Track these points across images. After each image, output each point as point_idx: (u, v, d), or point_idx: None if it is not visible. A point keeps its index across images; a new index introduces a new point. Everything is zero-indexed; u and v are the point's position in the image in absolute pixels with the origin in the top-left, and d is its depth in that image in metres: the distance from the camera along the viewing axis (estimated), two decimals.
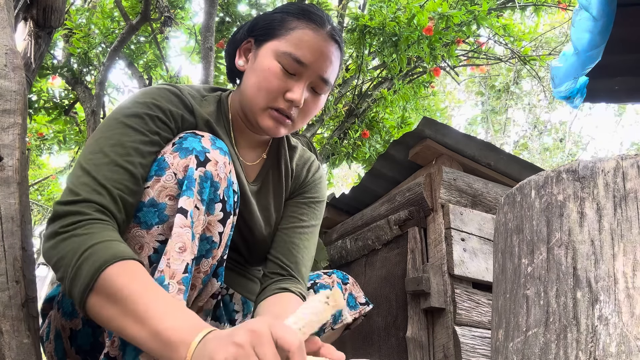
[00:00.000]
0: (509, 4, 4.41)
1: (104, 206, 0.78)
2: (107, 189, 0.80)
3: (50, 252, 0.76)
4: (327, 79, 1.00)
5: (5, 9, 1.19)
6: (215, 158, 0.87)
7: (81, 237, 0.74)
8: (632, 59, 2.39)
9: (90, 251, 0.72)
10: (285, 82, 0.97)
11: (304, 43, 0.97)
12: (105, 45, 4.46)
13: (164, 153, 0.87)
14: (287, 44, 0.97)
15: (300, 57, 0.96)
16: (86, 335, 0.90)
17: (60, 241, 0.75)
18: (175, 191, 0.83)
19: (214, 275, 0.93)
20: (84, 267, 0.71)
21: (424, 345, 1.73)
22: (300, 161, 1.20)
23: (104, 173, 0.81)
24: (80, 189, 0.79)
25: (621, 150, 13.29)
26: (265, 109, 0.98)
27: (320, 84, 1.00)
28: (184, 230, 0.80)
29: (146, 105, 0.91)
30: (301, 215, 1.14)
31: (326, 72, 1.00)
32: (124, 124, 0.87)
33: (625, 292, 0.67)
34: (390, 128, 4.46)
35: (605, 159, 0.75)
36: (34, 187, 8.14)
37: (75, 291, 0.72)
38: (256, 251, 1.11)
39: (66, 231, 0.75)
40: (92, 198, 0.78)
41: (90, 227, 0.75)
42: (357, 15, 3.74)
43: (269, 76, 0.96)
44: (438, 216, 1.92)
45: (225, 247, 0.93)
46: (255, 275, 1.17)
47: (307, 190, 1.18)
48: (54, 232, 0.76)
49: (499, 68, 9.84)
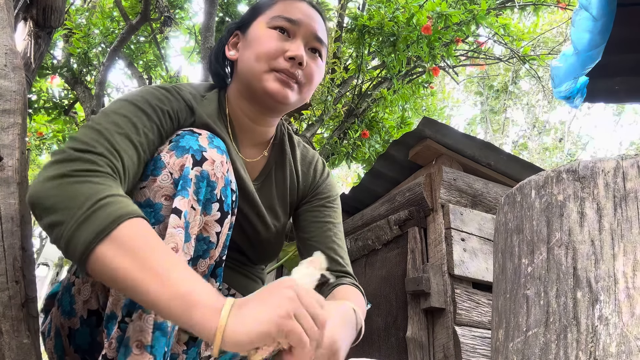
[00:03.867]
0: (508, 4, 4.41)
1: (117, 169, 0.75)
2: (120, 155, 0.77)
3: (49, 192, 0.68)
4: (320, 37, 1.03)
5: (5, 9, 1.19)
6: (212, 157, 0.86)
7: (98, 185, 0.68)
8: (632, 59, 2.39)
9: (109, 199, 0.67)
10: (282, 43, 0.98)
11: (290, 6, 1.02)
12: (105, 45, 4.46)
13: (160, 152, 0.85)
14: (274, 11, 1.01)
15: (292, 16, 1.00)
16: (84, 334, 0.89)
17: (70, 183, 0.68)
18: (171, 191, 0.81)
19: (212, 275, 0.93)
20: (101, 212, 0.65)
21: (424, 345, 1.73)
22: (305, 162, 1.19)
23: (117, 139, 0.78)
24: (95, 144, 0.74)
25: (620, 149, 13.30)
26: (269, 72, 0.98)
27: (316, 43, 1.02)
28: (177, 231, 0.78)
29: (158, 98, 0.91)
30: (325, 217, 1.14)
31: (318, 31, 1.02)
32: (137, 107, 0.86)
33: (626, 292, 0.67)
34: (389, 128, 4.46)
35: (605, 159, 0.75)
36: None
37: (80, 237, 0.65)
38: (261, 250, 1.10)
39: (79, 175, 0.69)
40: (109, 157, 0.74)
41: (107, 180, 0.70)
42: (356, 15, 3.74)
43: (266, 40, 0.98)
44: (438, 216, 1.92)
45: (224, 247, 0.92)
46: (258, 276, 1.17)
47: (320, 192, 1.18)
48: (61, 173, 0.69)
49: (497, 68, 9.85)
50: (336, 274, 1.07)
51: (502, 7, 4.44)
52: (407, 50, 3.55)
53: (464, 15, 3.56)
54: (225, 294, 1.07)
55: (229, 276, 1.05)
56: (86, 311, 0.88)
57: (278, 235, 1.12)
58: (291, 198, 1.15)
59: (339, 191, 1.24)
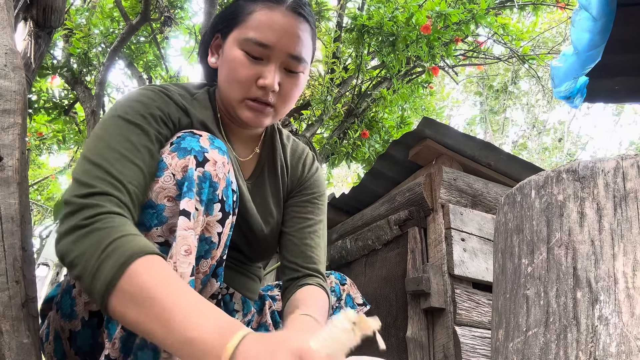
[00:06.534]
0: (508, 3, 4.41)
1: (122, 201, 0.75)
2: (124, 184, 0.76)
3: (68, 247, 0.71)
4: (297, 55, 0.95)
5: (5, 9, 1.19)
6: (214, 158, 0.86)
7: (103, 230, 0.70)
8: (632, 59, 2.39)
9: (113, 245, 0.68)
10: (254, 69, 0.93)
11: (264, 24, 0.93)
12: (105, 45, 4.46)
13: (162, 153, 0.86)
14: (247, 30, 0.94)
15: (262, 40, 0.92)
16: (86, 336, 0.89)
17: (81, 237, 0.70)
18: (174, 192, 0.82)
19: (213, 275, 0.93)
20: (107, 262, 0.67)
21: (424, 345, 1.74)
22: (294, 156, 1.18)
23: (117, 167, 0.78)
24: (95, 182, 0.75)
25: (620, 149, 13.30)
26: (242, 101, 0.96)
27: (292, 62, 0.95)
28: (189, 233, 0.79)
29: (146, 105, 0.89)
30: (307, 214, 1.13)
31: (295, 49, 0.94)
32: (127, 122, 0.85)
33: (625, 292, 0.67)
34: (389, 128, 4.46)
35: (605, 159, 0.76)
36: (33, 187, 8.14)
37: (96, 289, 0.67)
38: (257, 248, 1.10)
39: (86, 224, 0.71)
40: (110, 191, 0.75)
41: (111, 220, 0.71)
42: (356, 15, 3.75)
43: (236, 66, 0.94)
44: (438, 216, 1.92)
45: (225, 247, 0.92)
46: (255, 274, 1.17)
47: (306, 187, 1.17)
48: (72, 226, 0.71)
49: (497, 68, 9.85)
50: (305, 271, 1.06)
51: (502, 6, 4.44)
52: (406, 50, 3.55)
53: (463, 15, 3.56)
54: (224, 293, 1.07)
55: (227, 275, 1.05)
56: (87, 312, 0.88)
57: (273, 232, 1.12)
58: (283, 193, 1.15)
59: (325, 188, 1.22)
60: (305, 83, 1.03)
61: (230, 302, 1.09)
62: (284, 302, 1.04)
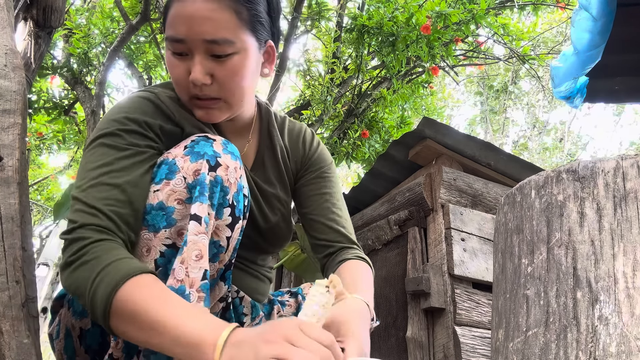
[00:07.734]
0: (508, 3, 4.41)
1: (101, 226, 0.78)
2: (99, 209, 0.79)
3: (67, 282, 0.77)
4: (213, 39, 0.88)
5: (5, 9, 1.19)
6: (227, 163, 0.87)
7: (89, 263, 0.74)
8: (632, 59, 2.39)
9: (100, 276, 0.72)
10: (183, 66, 0.91)
11: (175, 18, 0.89)
12: (105, 45, 4.45)
13: (175, 156, 0.86)
14: (167, 28, 0.91)
15: (176, 35, 0.89)
16: (95, 335, 0.91)
17: (72, 271, 0.76)
18: (184, 195, 0.83)
19: (221, 279, 0.93)
20: (98, 294, 0.72)
21: (424, 345, 1.74)
22: (292, 137, 1.18)
23: (93, 195, 0.81)
24: (76, 217, 0.79)
25: (620, 149, 13.30)
26: (190, 101, 0.96)
27: (213, 47, 0.88)
28: (200, 238, 0.80)
29: (119, 122, 0.89)
30: (321, 189, 1.13)
31: (207, 33, 0.87)
32: (102, 145, 0.87)
33: (625, 292, 0.67)
34: (389, 128, 4.46)
35: (605, 159, 0.76)
36: (33, 187, 8.14)
37: (98, 318, 0.73)
38: (271, 237, 1.10)
39: (74, 260, 0.76)
40: (88, 221, 0.78)
41: (94, 250, 0.75)
42: (356, 15, 3.75)
43: (170, 68, 0.93)
44: (438, 216, 1.92)
45: (234, 251, 0.92)
46: (266, 275, 1.17)
47: (312, 164, 1.17)
48: (64, 263, 0.77)
49: (497, 68, 9.85)
50: (338, 245, 1.07)
51: (502, 6, 4.44)
52: (406, 50, 3.55)
53: (463, 15, 3.56)
54: (234, 297, 1.07)
55: (237, 277, 1.05)
56: None
57: (285, 218, 1.12)
58: (287, 177, 1.15)
59: (331, 158, 1.22)
60: (252, 59, 0.94)
61: (239, 305, 1.09)
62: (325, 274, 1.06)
